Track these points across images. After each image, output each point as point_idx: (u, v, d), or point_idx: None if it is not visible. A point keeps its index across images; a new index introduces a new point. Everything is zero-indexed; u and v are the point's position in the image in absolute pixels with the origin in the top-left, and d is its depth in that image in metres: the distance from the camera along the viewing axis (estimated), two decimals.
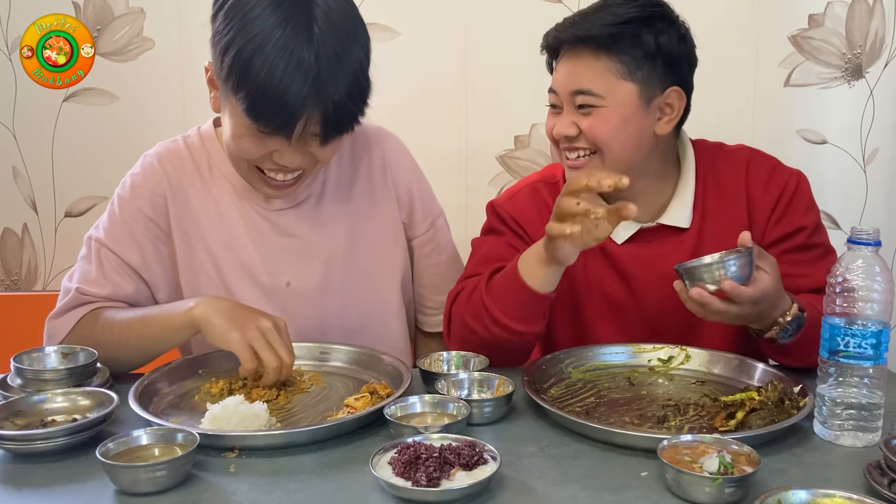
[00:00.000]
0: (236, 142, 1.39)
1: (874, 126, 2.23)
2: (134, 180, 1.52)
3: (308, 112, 1.30)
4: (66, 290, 1.48)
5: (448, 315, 1.51)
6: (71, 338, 1.43)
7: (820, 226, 1.53)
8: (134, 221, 1.49)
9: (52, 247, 2.36)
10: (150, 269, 1.50)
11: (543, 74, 2.23)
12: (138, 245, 1.49)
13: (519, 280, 1.39)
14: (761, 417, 1.19)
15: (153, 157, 1.53)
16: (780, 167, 1.55)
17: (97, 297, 1.46)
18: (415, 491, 0.99)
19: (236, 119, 1.36)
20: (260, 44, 1.27)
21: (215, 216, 1.52)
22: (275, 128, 1.32)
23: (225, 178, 1.52)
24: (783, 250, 1.49)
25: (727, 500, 0.99)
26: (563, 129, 1.47)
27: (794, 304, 1.33)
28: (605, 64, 1.43)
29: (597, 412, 1.29)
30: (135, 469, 1.03)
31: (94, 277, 1.47)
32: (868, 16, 2.18)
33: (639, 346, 1.48)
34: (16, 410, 1.20)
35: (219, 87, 1.38)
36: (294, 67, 1.27)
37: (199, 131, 1.56)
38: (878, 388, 1.15)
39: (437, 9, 2.21)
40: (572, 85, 1.45)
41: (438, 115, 2.24)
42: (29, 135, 2.30)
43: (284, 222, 1.53)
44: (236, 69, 1.29)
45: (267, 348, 1.30)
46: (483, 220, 1.64)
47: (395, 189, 1.61)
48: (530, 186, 1.62)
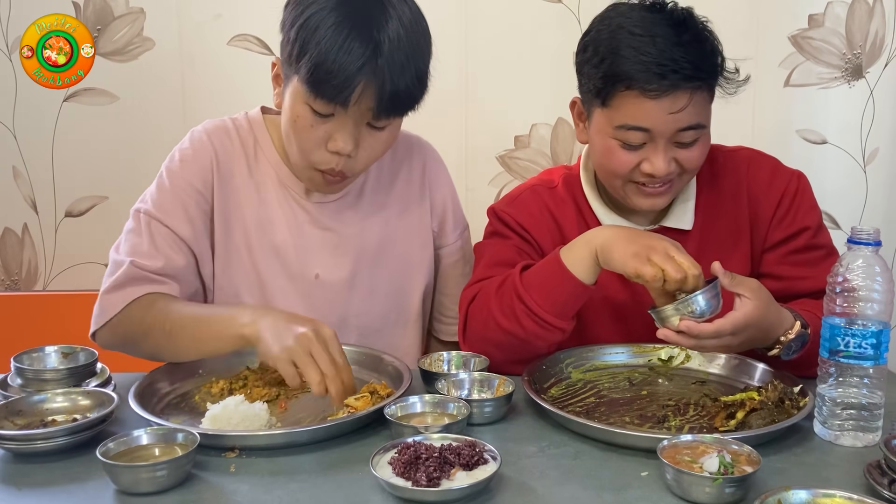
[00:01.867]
0: (293, 128, 1.40)
1: (874, 126, 2.23)
2: (183, 154, 1.52)
3: (365, 80, 1.31)
4: (116, 262, 1.44)
5: (465, 316, 1.48)
6: (121, 316, 1.39)
7: (822, 227, 1.52)
8: (185, 194, 1.48)
9: (52, 247, 2.36)
10: (199, 242, 1.49)
11: (543, 74, 2.24)
12: (189, 218, 1.48)
13: (566, 273, 1.36)
14: (761, 417, 1.19)
15: (202, 133, 1.54)
16: (781, 168, 1.55)
17: (151, 270, 1.43)
18: (415, 491, 0.99)
19: (294, 100, 1.37)
20: (328, 15, 1.30)
21: (255, 199, 1.53)
22: (331, 95, 1.32)
23: (269, 164, 1.54)
24: (786, 252, 1.49)
25: (727, 500, 0.99)
26: (665, 166, 1.39)
27: (798, 322, 1.31)
28: (708, 95, 1.40)
29: (597, 412, 1.29)
30: (135, 469, 1.03)
31: (147, 250, 1.44)
32: (868, 16, 2.19)
33: (639, 346, 1.48)
34: (16, 410, 1.20)
35: (282, 77, 1.41)
36: (357, 37, 1.29)
37: (248, 116, 1.58)
38: (878, 388, 1.15)
39: (437, 9, 2.20)
40: (683, 122, 1.37)
41: (438, 115, 2.23)
42: (29, 135, 2.30)
43: (321, 215, 1.54)
44: (301, 38, 1.31)
45: (308, 363, 1.24)
46: (483, 221, 1.63)
47: (430, 199, 1.63)
48: (530, 189, 1.60)
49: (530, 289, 1.38)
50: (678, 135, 1.38)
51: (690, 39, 1.36)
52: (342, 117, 1.36)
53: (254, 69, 2.19)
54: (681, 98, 1.35)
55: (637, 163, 1.41)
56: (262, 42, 2.22)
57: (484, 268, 1.53)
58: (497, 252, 1.54)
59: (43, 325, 1.51)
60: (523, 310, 1.37)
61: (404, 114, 1.41)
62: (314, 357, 1.24)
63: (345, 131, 1.37)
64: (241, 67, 2.22)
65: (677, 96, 1.35)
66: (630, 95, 1.36)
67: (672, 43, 1.34)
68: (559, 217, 1.56)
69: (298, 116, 1.38)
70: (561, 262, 1.37)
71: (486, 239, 1.61)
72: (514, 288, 1.40)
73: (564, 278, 1.37)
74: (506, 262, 1.49)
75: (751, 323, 1.25)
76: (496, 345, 1.41)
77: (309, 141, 1.39)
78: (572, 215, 1.55)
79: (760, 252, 1.53)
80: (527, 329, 1.38)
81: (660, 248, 1.27)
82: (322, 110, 1.35)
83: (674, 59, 1.33)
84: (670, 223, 1.52)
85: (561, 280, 1.37)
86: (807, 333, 1.31)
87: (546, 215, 1.56)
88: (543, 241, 1.54)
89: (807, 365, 1.33)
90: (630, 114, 1.37)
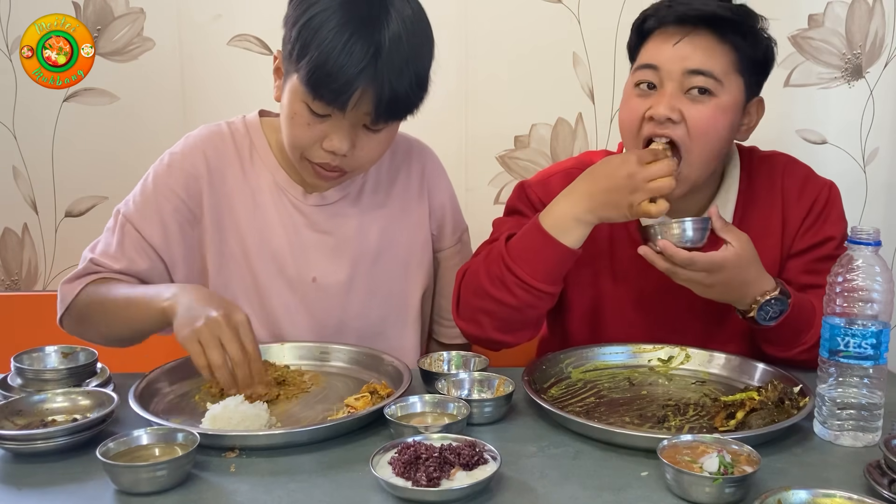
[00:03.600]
0: (289, 124, 1.40)
1: (874, 126, 2.23)
2: (172, 159, 1.52)
3: (364, 85, 1.31)
4: (84, 258, 1.50)
5: (458, 289, 1.48)
6: (75, 303, 1.46)
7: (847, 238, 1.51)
8: (164, 200, 1.49)
9: (52, 247, 2.36)
10: (170, 249, 1.51)
11: (543, 74, 2.24)
12: (163, 225, 1.49)
13: (551, 240, 1.37)
14: (761, 417, 1.20)
15: (195, 138, 1.55)
16: (814, 176, 1.54)
17: (109, 270, 1.48)
18: (415, 491, 0.99)
19: (293, 97, 1.37)
20: (331, 16, 1.30)
21: (250, 203, 1.53)
22: (330, 98, 1.32)
23: (265, 167, 1.54)
24: (810, 260, 1.49)
25: (727, 500, 0.99)
26: (664, 110, 1.36)
27: (778, 288, 1.34)
28: (726, 49, 1.38)
29: (597, 412, 1.29)
30: (135, 469, 1.03)
31: (113, 251, 1.49)
32: (868, 16, 2.18)
33: (639, 346, 1.48)
34: (16, 410, 1.20)
35: (282, 71, 1.41)
36: (358, 39, 1.29)
37: (245, 119, 1.58)
38: (878, 388, 1.15)
39: (437, 9, 2.20)
40: (691, 63, 1.36)
41: (438, 114, 2.23)
42: (29, 135, 2.30)
43: (319, 218, 1.54)
44: (303, 37, 1.32)
45: (214, 345, 1.23)
46: (483, 223, 1.63)
47: (429, 202, 1.63)
48: (564, 172, 1.56)
49: (517, 259, 1.38)
50: (686, 79, 1.37)
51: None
52: (339, 119, 1.36)
53: (254, 69, 2.19)
54: (682, 29, 1.37)
55: (644, 111, 1.39)
56: (262, 42, 2.22)
57: (486, 244, 1.53)
58: (509, 230, 1.50)
59: (43, 325, 1.51)
60: (515, 280, 1.38)
61: (402, 118, 1.41)
62: (223, 342, 1.24)
63: (341, 132, 1.37)
64: (241, 67, 2.22)
65: (679, 28, 1.37)
66: (648, 40, 1.42)
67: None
68: None
69: (296, 114, 1.38)
70: (544, 231, 1.37)
71: (506, 215, 1.59)
72: (500, 260, 1.40)
73: (553, 246, 1.37)
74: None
75: (727, 266, 1.29)
76: (488, 314, 1.42)
77: (305, 137, 1.40)
78: None
79: (785, 259, 1.52)
80: (520, 299, 1.39)
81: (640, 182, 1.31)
82: (319, 111, 1.35)
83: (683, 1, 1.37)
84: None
85: (549, 248, 1.38)
86: (786, 301, 1.33)
87: None
88: None
89: (783, 340, 1.37)
90: (644, 54, 1.42)
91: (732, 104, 1.40)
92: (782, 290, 1.35)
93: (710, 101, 1.37)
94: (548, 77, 2.23)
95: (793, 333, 1.37)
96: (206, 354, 1.23)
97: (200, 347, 1.23)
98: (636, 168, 1.32)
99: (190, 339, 1.24)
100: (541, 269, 1.38)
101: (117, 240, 1.49)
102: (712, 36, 1.37)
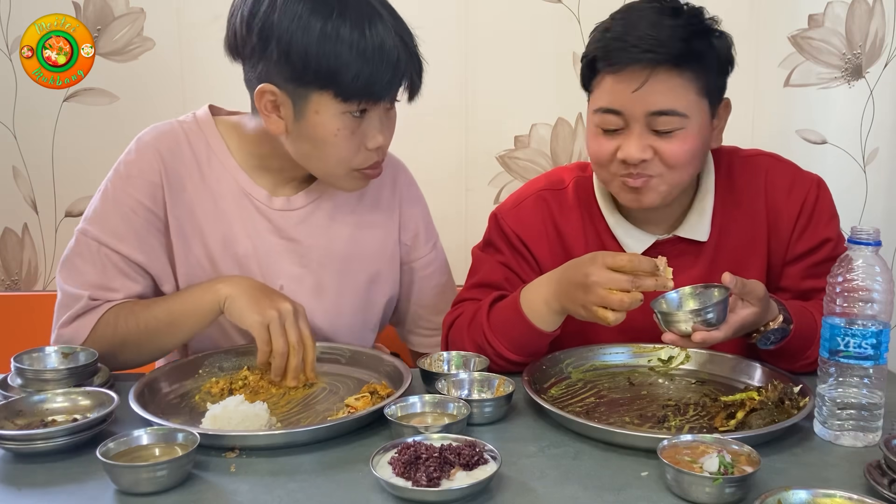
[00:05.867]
0: (334, 143, 1.37)
1: (874, 126, 2.23)
2: (129, 167, 1.46)
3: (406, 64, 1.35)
4: (70, 295, 1.42)
5: (445, 340, 1.50)
6: (90, 343, 1.40)
7: (842, 236, 1.49)
8: (133, 213, 1.43)
9: (52, 247, 2.36)
10: (154, 263, 1.46)
11: (543, 74, 2.24)
12: (140, 240, 1.44)
13: (523, 318, 1.38)
14: (761, 417, 1.20)
15: (149, 141, 1.47)
16: (800, 174, 1.51)
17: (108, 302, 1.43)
18: (415, 491, 0.99)
19: (327, 115, 1.35)
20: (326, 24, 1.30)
21: (212, 209, 1.48)
22: (383, 92, 1.34)
23: (226, 170, 1.49)
24: (808, 265, 1.47)
25: (727, 500, 0.99)
26: (635, 152, 1.35)
27: (780, 316, 1.32)
28: (686, 81, 1.34)
29: (597, 412, 1.29)
30: (135, 469, 1.03)
31: (100, 281, 1.42)
32: (868, 16, 2.19)
33: (639, 346, 1.48)
34: (16, 410, 1.20)
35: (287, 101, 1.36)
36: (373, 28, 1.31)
37: (196, 117, 1.52)
38: (878, 388, 1.15)
39: (437, 10, 2.21)
40: (651, 105, 1.34)
41: (438, 115, 2.24)
42: (29, 135, 2.30)
43: (285, 224, 1.51)
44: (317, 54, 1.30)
45: (280, 333, 1.33)
46: (483, 223, 1.63)
47: (399, 214, 1.61)
48: (536, 196, 1.56)
49: (495, 330, 1.42)
50: (652, 120, 1.35)
51: (669, 23, 1.34)
52: (372, 113, 1.38)
53: None
54: (639, 74, 1.33)
55: (615, 150, 1.39)
56: None
57: (469, 288, 1.56)
58: (486, 273, 1.54)
59: (43, 325, 1.50)
60: (492, 350, 1.41)
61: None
62: (286, 328, 1.34)
63: (378, 124, 1.40)
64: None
65: (635, 71, 1.33)
66: (603, 78, 1.38)
67: (646, 24, 1.34)
68: (562, 225, 1.53)
69: (339, 129, 1.36)
70: (520, 308, 1.39)
71: (482, 249, 1.59)
72: (481, 328, 1.43)
73: (524, 325, 1.39)
74: (491, 284, 1.52)
75: (745, 325, 1.27)
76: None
77: (350, 148, 1.39)
78: (577, 223, 1.53)
79: (781, 265, 1.50)
80: (499, 365, 1.41)
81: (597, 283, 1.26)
82: (358, 109, 1.36)
83: (638, 35, 1.33)
84: (685, 233, 1.48)
85: (521, 326, 1.40)
86: (788, 328, 1.32)
87: (548, 225, 1.54)
88: (541, 253, 1.53)
89: (786, 357, 1.36)
90: (602, 96, 1.39)
91: (702, 125, 1.39)
92: (786, 317, 1.32)
93: (680, 133, 1.36)
94: (548, 77, 2.23)
95: (795, 352, 1.36)
96: (273, 341, 1.33)
97: (268, 334, 1.33)
98: (596, 269, 1.27)
99: (261, 325, 1.33)
100: (517, 344, 1.41)
101: (100, 269, 1.42)
102: (671, 71, 1.33)
